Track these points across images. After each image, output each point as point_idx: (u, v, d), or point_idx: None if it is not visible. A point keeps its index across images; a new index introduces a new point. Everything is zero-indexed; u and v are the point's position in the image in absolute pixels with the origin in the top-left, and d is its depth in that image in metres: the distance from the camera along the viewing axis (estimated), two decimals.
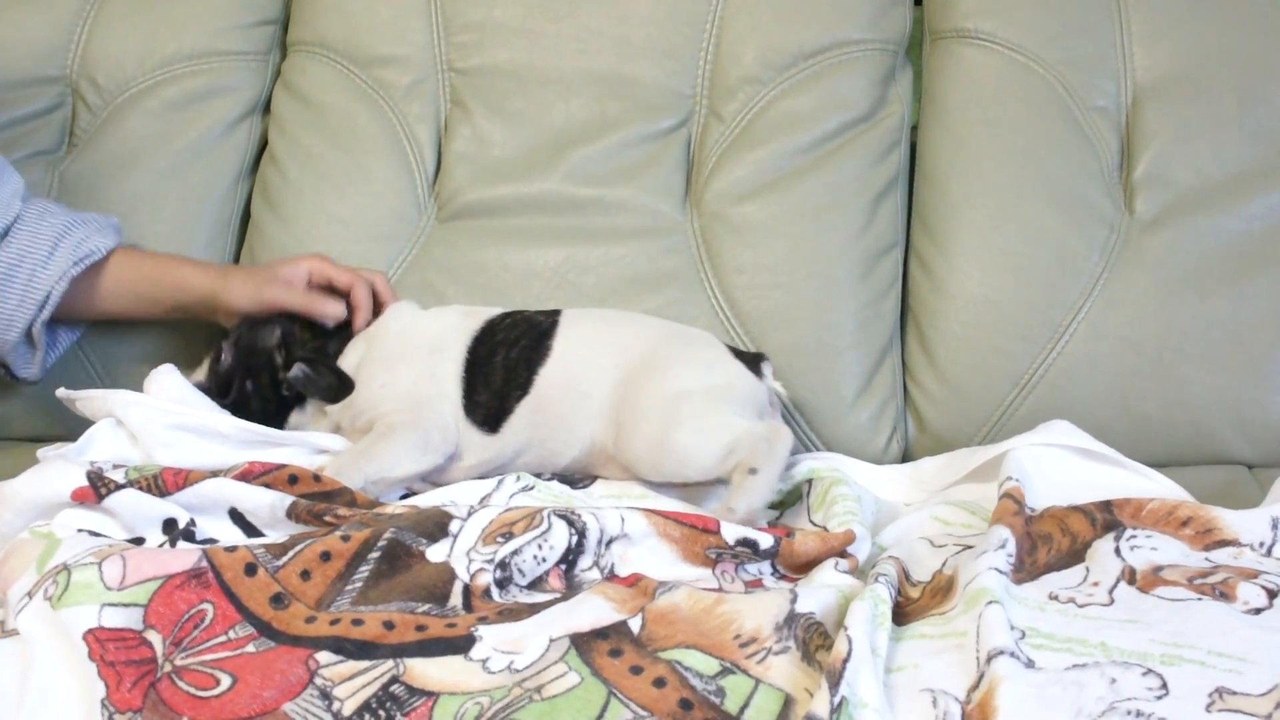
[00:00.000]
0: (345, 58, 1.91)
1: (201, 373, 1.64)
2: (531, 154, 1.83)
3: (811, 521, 1.42)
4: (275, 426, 1.59)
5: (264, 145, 1.96)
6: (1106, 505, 1.35)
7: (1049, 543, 1.30)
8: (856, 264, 1.76)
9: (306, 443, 1.58)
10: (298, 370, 1.60)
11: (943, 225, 1.77)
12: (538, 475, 1.51)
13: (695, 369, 1.52)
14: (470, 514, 1.30)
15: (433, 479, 1.56)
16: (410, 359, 1.58)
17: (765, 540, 1.29)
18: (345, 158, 1.87)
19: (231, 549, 1.24)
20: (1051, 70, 1.78)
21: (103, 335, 1.83)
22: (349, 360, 1.62)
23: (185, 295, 1.69)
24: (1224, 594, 1.17)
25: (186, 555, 1.22)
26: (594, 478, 1.53)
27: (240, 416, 1.57)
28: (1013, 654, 1.06)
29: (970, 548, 1.31)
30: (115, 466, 1.40)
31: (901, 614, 1.22)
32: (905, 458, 1.74)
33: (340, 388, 1.60)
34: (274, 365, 1.62)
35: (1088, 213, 1.73)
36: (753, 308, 1.74)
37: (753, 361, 1.58)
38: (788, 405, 1.69)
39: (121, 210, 1.85)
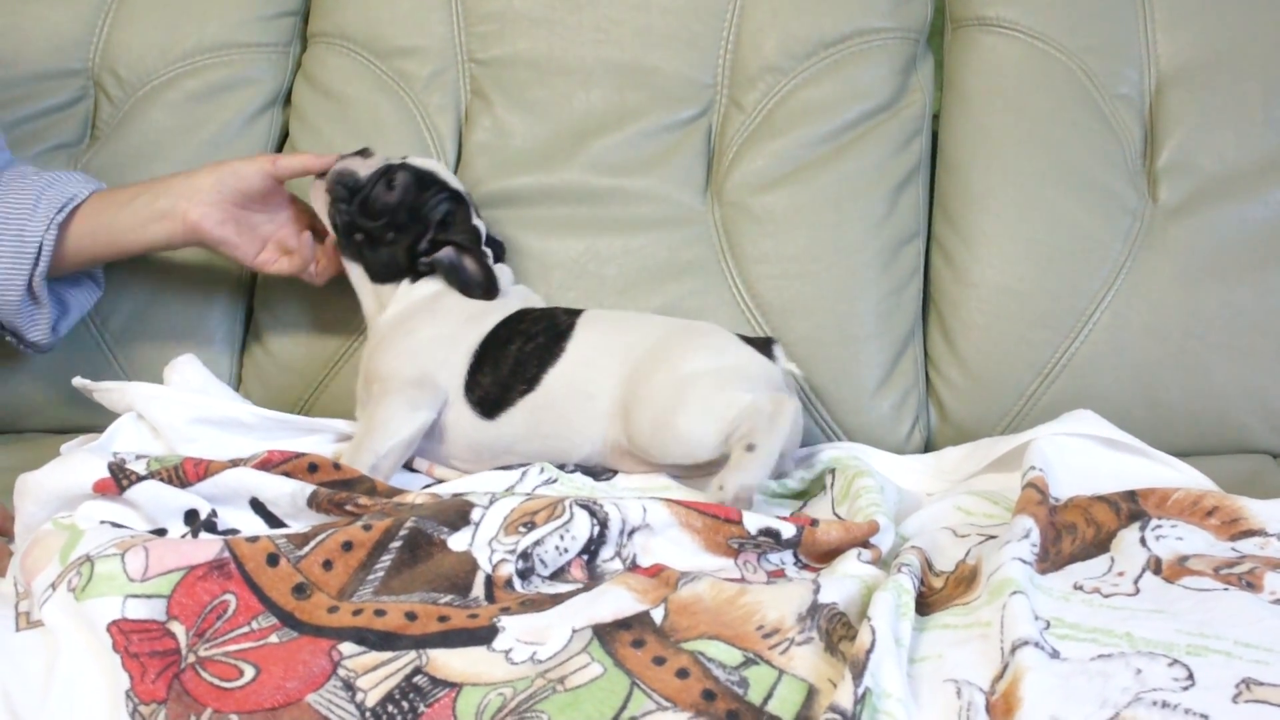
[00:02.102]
0: (366, 49, 1.91)
1: (367, 166, 1.65)
2: (552, 144, 1.83)
3: (836, 514, 1.41)
4: (381, 278, 1.64)
5: (285, 137, 1.95)
6: (1131, 495, 1.34)
7: (1073, 532, 1.29)
8: (878, 253, 1.75)
9: (330, 429, 1.59)
10: (448, 255, 1.63)
11: (964, 214, 1.76)
12: (560, 467, 1.50)
13: (703, 355, 1.51)
14: (492, 503, 1.29)
15: (429, 456, 1.57)
16: (445, 321, 1.59)
17: (788, 530, 1.28)
18: None
19: (253, 539, 1.24)
20: (1074, 58, 1.77)
21: (120, 319, 1.84)
22: (412, 295, 1.64)
23: (157, 181, 1.69)
24: (1250, 584, 1.15)
25: (208, 546, 1.22)
26: (614, 470, 1.52)
27: (366, 253, 1.64)
28: (1037, 644, 1.05)
29: (993, 538, 1.30)
30: (138, 457, 1.40)
31: (924, 604, 1.21)
32: (927, 447, 1.73)
33: (485, 285, 1.63)
34: (422, 236, 1.64)
35: (1111, 201, 1.71)
36: (774, 297, 1.73)
37: (763, 346, 1.56)
38: (804, 387, 1.68)
39: None
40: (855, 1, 1.81)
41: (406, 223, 1.63)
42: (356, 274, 1.67)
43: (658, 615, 1.12)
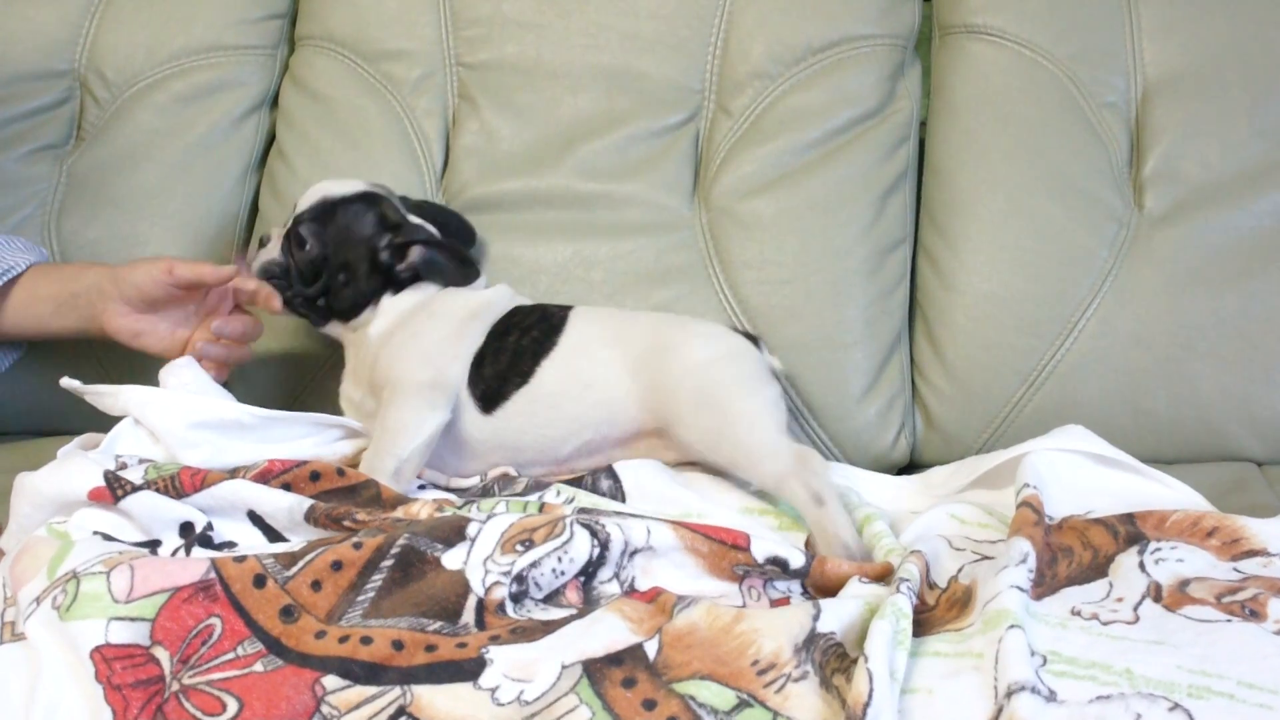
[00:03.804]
0: (353, 52, 1.86)
1: (274, 249, 1.57)
2: (539, 148, 1.78)
3: None
4: (352, 316, 1.58)
5: (272, 139, 1.90)
6: (1129, 518, 1.28)
7: (1070, 555, 1.24)
8: (865, 260, 1.70)
9: (337, 425, 1.53)
10: (420, 254, 1.57)
11: (951, 221, 1.72)
12: (577, 485, 1.46)
13: (698, 343, 1.50)
14: (490, 518, 1.23)
15: (439, 467, 1.52)
16: (446, 322, 1.55)
17: (796, 559, 1.22)
18: (353, 152, 1.82)
19: (241, 559, 1.17)
20: (1061, 66, 1.72)
21: None
22: (400, 305, 1.58)
23: (78, 284, 1.61)
24: (1254, 612, 1.10)
25: (195, 566, 1.15)
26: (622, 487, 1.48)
27: (322, 304, 1.57)
28: (1034, 689, 0.99)
29: (989, 558, 1.25)
30: (141, 461, 1.35)
31: (917, 621, 1.14)
32: (913, 454, 1.70)
33: (465, 270, 1.60)
34: (375, 251, 1.57)
35: (1097, 209, 1.67)
36: (761, 303, 1.69)
37: (750, 339, 1.56)
38: (795, 402, 1.64)
39: (129, 204, 1.82)
40: (843, 8, 1.77)
41: (347, 257, 1.57)
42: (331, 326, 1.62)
43: (651, 649, 1.05)
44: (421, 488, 1.49)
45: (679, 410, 1.45)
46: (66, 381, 1.48)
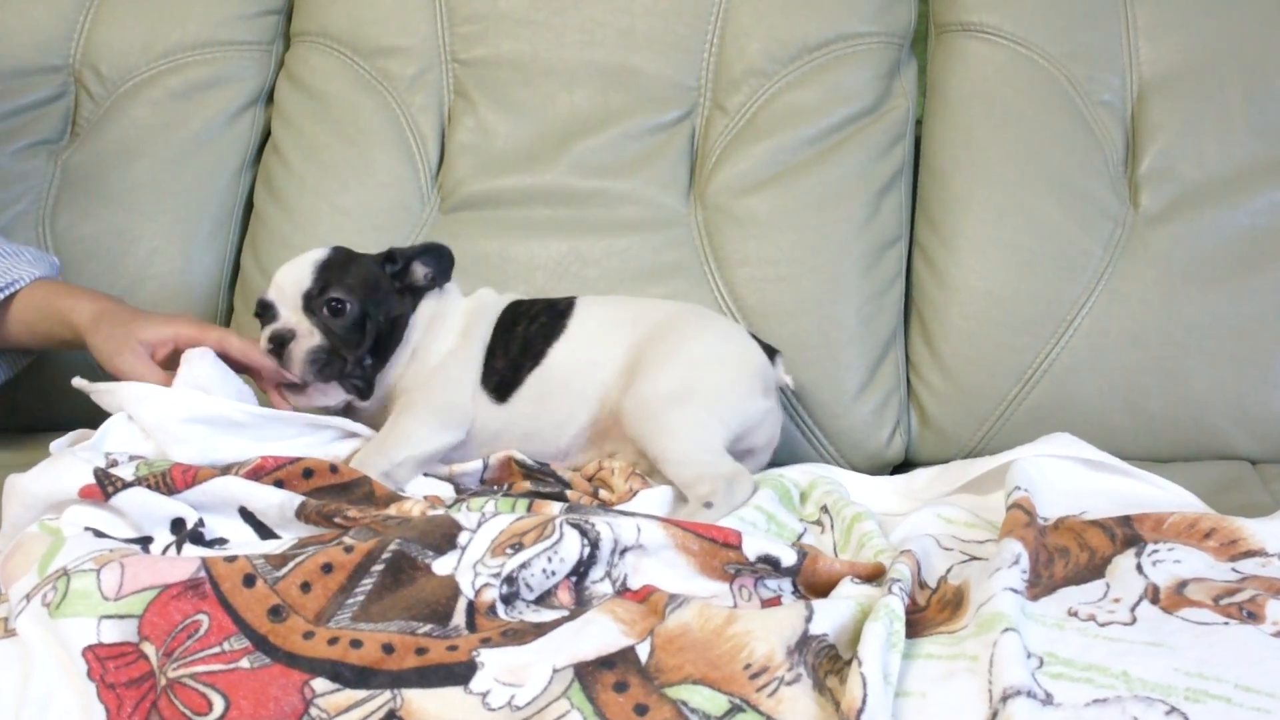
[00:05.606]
0: (349, 48, 1.84)
1: (310, 338, 1.48)
2: (535, 145, 1.77)
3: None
4: (389, 356, 1.53)
5: (267, 135, 1.89)
6: (1126, 520, 1.25)
7: (1066, 556, 1.21)
8: (860, 257, 1.69)
9: (322, 424, 1.50)
10: (422, 262, 1.55)
11: (947, 219, 1.70)
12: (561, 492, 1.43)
13: (710, 334, 1.50)
14: (480, 524, 1.21)
15: (444, 459, 1.50)
16: (449, 331, 1.55)
17: (788, 557, 1.19)
18: (348, 148, 1.80)
19: (231, 559, 1.14)
20: (1057, 64, 1.71)
21: None
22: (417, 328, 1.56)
23: (65, 332, 1.57)
24: (1252, 614, 1.07)
25: (185, 565, 1.12)
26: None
27: (369, 363, 1.51)
28: (1030, 693, 0.96)
29: (978, 559, 1.23)
30: (132, 458, 1.32)
31: (908, 622, 1.11)
32: (908, 452, 1.68)
33: (449, 261, 1.57)
34: (390, 281, 1.54)
35: (1092, 207, 1.66)
36: (756, 301, 1.67)
37: (767, 351, 1.53)
38: (791, 400, 1.62)
39: (124, 200, 1.81)
40: (839, 6, 1.75)
41: (378, 298, 1.52)
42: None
43: (643, 651, 1.03)
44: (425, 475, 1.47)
45: (643, 375, 1.44)
46: (78, 381, 1.46)
